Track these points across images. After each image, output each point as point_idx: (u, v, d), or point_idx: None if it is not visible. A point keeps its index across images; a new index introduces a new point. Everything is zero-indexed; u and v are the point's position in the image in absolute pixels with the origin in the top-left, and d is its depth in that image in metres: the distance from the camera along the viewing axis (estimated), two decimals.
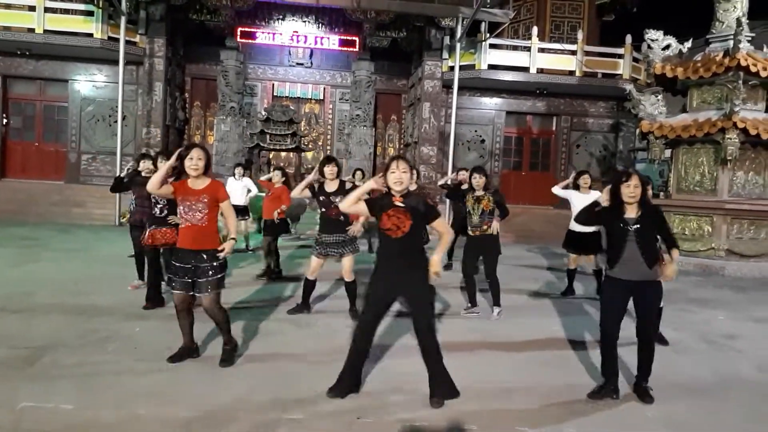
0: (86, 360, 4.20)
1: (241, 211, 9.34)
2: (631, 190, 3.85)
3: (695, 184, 11.24)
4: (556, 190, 7.39)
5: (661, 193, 12.01)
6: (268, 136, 15.06)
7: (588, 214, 4.19)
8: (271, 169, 9.19)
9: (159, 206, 5.72)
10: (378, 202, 3.78)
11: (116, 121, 14.45)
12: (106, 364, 4.13)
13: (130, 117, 15.35)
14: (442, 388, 3.73)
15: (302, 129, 16.94)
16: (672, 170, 11.85)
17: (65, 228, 12.05)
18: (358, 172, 10.37)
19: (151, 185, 4.10)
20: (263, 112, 15.69)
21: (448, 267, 8.74)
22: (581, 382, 4.25)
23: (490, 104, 17.10)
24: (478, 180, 6.03)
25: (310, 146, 17.81)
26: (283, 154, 17.25)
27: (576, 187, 7.16)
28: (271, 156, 16.96)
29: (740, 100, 10.18)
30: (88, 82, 15.65)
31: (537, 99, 17.06)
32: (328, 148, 18.55)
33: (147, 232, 5.78)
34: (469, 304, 6.25)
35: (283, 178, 7.89)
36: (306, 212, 12.85)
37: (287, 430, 3.27)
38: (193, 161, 4.08)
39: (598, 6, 18.69)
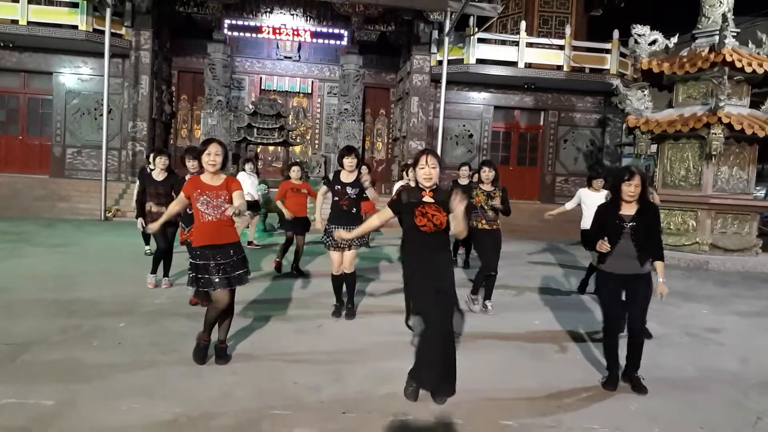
0: (69, 356, 4.15)
1: (251, 207, 9.29)
2: (631, 189, 3.87)
3: (680, 178, 11.34)
4: (568, 206, 7.33)
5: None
6: (255, 130, 14.96)
7: (594, 233, 4.11)
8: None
9: None
10: (402, 201, 3.64)
11: (102, 115, 14.30)
12: (89, 360, 4.09)
13: (116, 110, 15.23)
14: (446, 386, 3.64)
15: (290, 123, 16.85)
16: (658, 165, 11.94)
17: (49, 222, 11.92)
18: (364, 167, 10.29)
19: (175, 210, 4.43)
20: (250, 106, 15.58)
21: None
22: (567, 376, 4.27)
23: (479, 99, 17.13)
24: (488, 173, 6.15)
25: (297, 140, 17.74)
26: (271, 148, 17.16)
27: (589, 184, 7.24)
28: (258, 150, 16.87)
29: (725, 95, 10.27)
30: (72, 75, 15.48)
31: (525, 94, 17.10)
32: (316, 142, 18.50)
33: (188, 230, 5.48)
34: (475, 296, 6.22)
35: (300, 174, 7.86)
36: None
37: (272, 425, 3.27)
38: (211, 157, 3.99)
39: (586, 1, 18.76)
